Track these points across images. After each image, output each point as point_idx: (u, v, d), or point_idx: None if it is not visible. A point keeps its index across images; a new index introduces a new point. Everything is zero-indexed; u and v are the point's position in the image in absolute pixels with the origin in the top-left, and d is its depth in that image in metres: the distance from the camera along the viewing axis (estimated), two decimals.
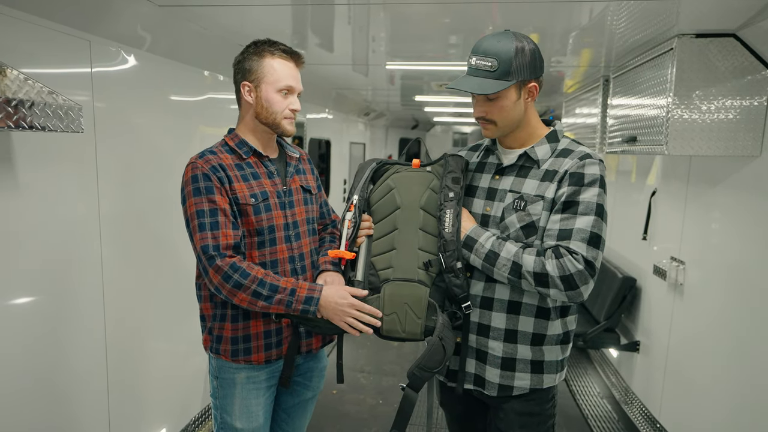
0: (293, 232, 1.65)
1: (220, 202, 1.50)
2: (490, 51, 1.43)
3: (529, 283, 1.41)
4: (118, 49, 2.14)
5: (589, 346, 3.65)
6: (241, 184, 1.55)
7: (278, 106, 1.58)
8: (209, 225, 1.48)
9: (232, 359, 1.61)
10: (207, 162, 1.52)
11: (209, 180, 1.50)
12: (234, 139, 1.62)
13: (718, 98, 2.19)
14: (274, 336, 1.63)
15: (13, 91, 1.52)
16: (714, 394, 2.38)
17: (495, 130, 1.53)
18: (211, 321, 1.63)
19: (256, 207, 1.56)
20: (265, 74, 1.56)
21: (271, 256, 1.59)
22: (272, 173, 1.64)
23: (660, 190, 3.11)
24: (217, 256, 1.47)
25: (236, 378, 1.61)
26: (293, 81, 1.59)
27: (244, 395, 1.62)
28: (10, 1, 1.62)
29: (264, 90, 1.57)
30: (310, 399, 1.79)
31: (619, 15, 2.13)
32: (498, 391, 1.54)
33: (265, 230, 1.58)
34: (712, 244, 2.50)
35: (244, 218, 1.56)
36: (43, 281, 1.85)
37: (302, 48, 3.10)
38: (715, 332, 2.41)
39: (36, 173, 1.78)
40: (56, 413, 1.92)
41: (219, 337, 1.62)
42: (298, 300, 1.48)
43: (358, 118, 7.38)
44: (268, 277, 1.49)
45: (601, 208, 1.44)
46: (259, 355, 1.61)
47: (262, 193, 1.59)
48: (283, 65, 1.57)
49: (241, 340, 1.60)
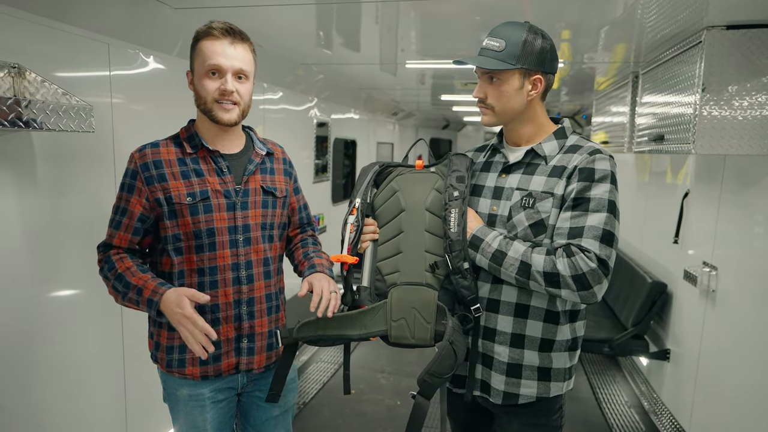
0: (242, 236, 1.49)
1: (133, 203, 1.43)
2: (501, 33, 1.43)
3: (538, 284, 1.36)
4: (136, 51, 2.19)
5: (616, 353, 3.51)
6: (178, 181, 1.44)
7: (206, 89, 1.41)
8: (114, 223, 1.46)
9: (166, 370, 1.50)
10: (142, 157, 1.44)
11: (135, 178, 1.44)
12: (187, 131, 1.51)
13: (752, 94, 2.06)
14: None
15: (31, 93, 1.58)
16: (747, 407, 2.25)
17: (492, 116, 1.49)
18: (151, 325, 1.54)
19: (192, 207, 1.43)
20: (195, 58, 1.43)
21: (209, 262, 1.45)
22: (222, 170, 1.48)
23: (693, 191, 2.96)
24: (101, 250, 1.47)
25: (178, 394, 1.51)
26: (222, 59, 1.39)
27: (188, 411, 1.51)
28: (31, 7, 1.68)
29: (196, 74, 1.44)
30: (279, 415, 1.65)
31: (650, 7, 2.04)
32: (503, 399, 1.49)
33: (203, 233, 1.44)
34: (746, 248, 2.35)
35: (179, 219, 1.43)
36: (60, 277, 1.91)
37: (327, 48, 3.10)
38: (749, 342, 2.27)
39: (55, 171, 1.84)
40: (75, 409, 1.98)
41: (157, 344, 1.51)
42: (142, 301, 1.37)
43: (386, 118, 7.37)
44: (127, 273, 1.40)
45: (613, 205, 1.37)
46: (194, 369, 1.48)
47: (201, 192, 1.45)
48: (210, 44, 1.40)
49: (177, 350, 1.48)
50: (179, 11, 2.17)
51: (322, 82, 4.29)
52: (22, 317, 1.76)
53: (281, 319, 1.64)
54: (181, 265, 1.45)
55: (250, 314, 1.51)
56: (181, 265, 1.45)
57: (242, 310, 1.50)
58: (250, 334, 1.52)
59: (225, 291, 1.47)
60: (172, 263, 1.45)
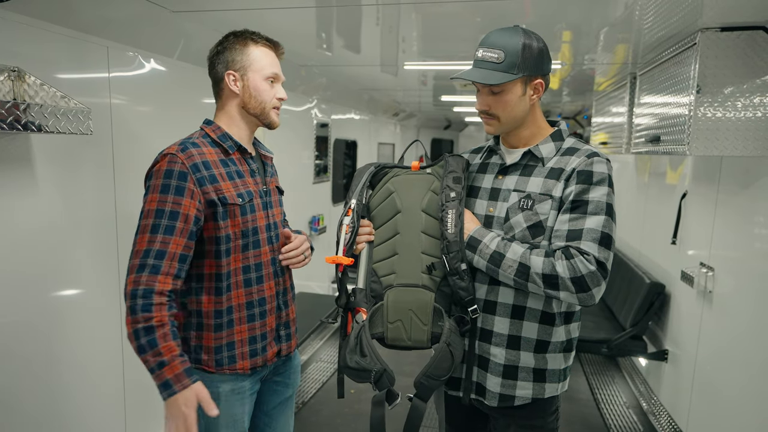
0: (274, 233, 1.60)
1: (186, 206, 1.37)
2: (497, 43, 1.40)
3: (537, 286, 1.36)
4: (135, 54, 2.22)
5: (614, 354, 3.52)
6: (227, 182, 1.47)
7: (266, 94, 1.53)
8: (163, 228, 1.35)
9: (216, 369, 1.51)
10: (189, 158, 1.40)
11: (185, 179, 1.38)
12: (216, 131, 1.51)
13: (747, 95, 2.06)
14: (259, 342, 1.56)
15: (30, 96, 1.60)
16: (744, 409, 2.25)
17: (498, 125, 1.49)
18: (184, 330, 1.50)
19: (243, 207, 1.49)
20: (251, 62, 1.50)
21: (255, 259, 1.53)
22: (254, 171, 1.57)
23: (690, 192, 2.96)
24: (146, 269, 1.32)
25: (219, 391, 1.51)
26: (278, 69, 1.56)
27: (229, 405, 1.53)
28: (31, 11, 1.70)
29: (251, 78, 1.51)
30: (289, 398, 1.75)
31: (647, 9, 2.05)
32: (499, 401, 1.49)
33: (249, 232, 1.51)
34: (742, 249, 2.36)
35: (230, 220, 1.47)
36: (60, 278, 1.93)
37: (328, 50, 3.12)
38: (745, 344, 2.27)
39: (54, 173, 1.86)
40: (73, 409, 2.00)
41: (198, 347, 1.51)
42: (158, 376, 1.30)
43: (387, 118, 7.38)
44: (159, 329, 1.30)
45: (610, 208, 1.38)
46: (244, 363, 1.53)
47: (247, 192, 1.52)
48: (267, 54, 1.53)
49: (226, 348, 1.51)
50: (178, 14, 2.20)
51: (323, 83, 4.31)
52: (20, 317, 1.78)
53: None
54: (228, 265, 1.48)
55: (286, 303, 1.64)
56: (229, 265, 1.48)
57: (281, 301, 1.62)
58: (287, 322, 1.65)
59: (269, 285, 1.57)
60: (219, 264, 1.47)
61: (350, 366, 1.45)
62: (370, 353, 1.43)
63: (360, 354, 1.44)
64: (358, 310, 1.53)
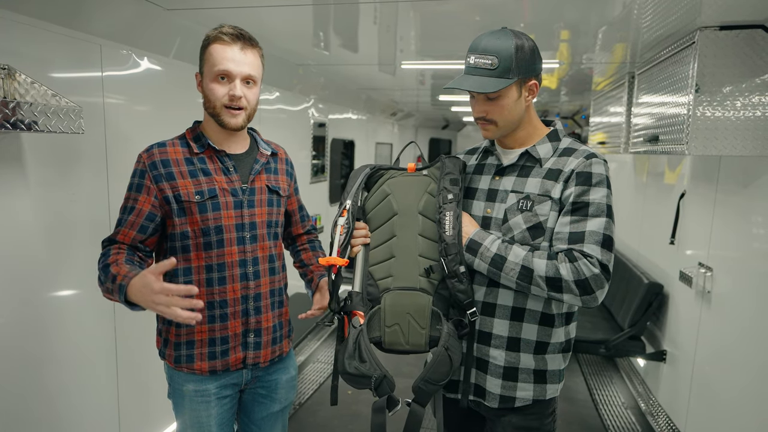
0: (248, 234, 1.54)
1: (141, 202, 1.46)
2: (489, 49, 1.38)
3: (541, 289, 1.35)
4: (129, 52, 2.19)
5: (612, 354, 3.50)
6: (186, 180, 1.47)
7: (215, 93, 1.44)
8: (122, 221, 1.47)
9: (175, 366, 1.53)
10: (150, 156, 1.48)
11: (143, 177, 1.47)
12: (192, 132, 1.55)
13: (745, 94, 2.05)
14: (219, 345, 1.52)
15: (21, 94, 1.58)
16: (742, 409, 2.24)
17: (495, 130, 1.47)
18: (160, 322, 1.58)
19: (201, 204, 1.47)
20: (205, 62, 1.46)
21: (218, 259, 1.49)
22: (228, 169, 1.53)
23: (689, 192, 2.95)
24: (104, 245, 1.48)
25: (184, 389, 1.53)
26: (231, 64, 1.42)
27: (193, 407, 1.53)
28: (24, 9, 1.68)
29: (205, 79, 1.47)
30: (278, 412, 1.69)
31: (645, 7, 2.04)
32: (499, 403, 1.48)
33: (211, 230, 1.48)
34: (741, 249, 2.34)
35: (188, 217, 1.47)
36: (52, 278, 1.91)
37: (326, 49, 3.09)
38: (744, 344, 2.26)
39: (46, 173, 1.84)
40: (66, 408, 1.98)
41: (166, 341, 1.54)
42: (115, 289, 1.33)
43: (385, 118, 7.36)
44: (113, 265, 1.37)
45: (610, 210, 1.38)
46: (202, 364, 1.51)
47: (209, 190, 1.48)
48: (221, 49, 1.42)
49: (185, 345, 1.52)
50: (172, 12, 2.17)
51: (320, 82, 4.29)
52: (11, 317, 1.76)
53: (285, 314, 1.69)
54: (188, 262, 1.49)
55: (257, 309, 1.56)
56: (188, 262, 1.49)
57: (249, 306, 1.54)
58: (257, 329, 1.56)
59: (233, 287, 1.51)
60: (187, 259, 1.49)
61: (349, 372, 1.41)
62: (369, 359, 1.39)
63: (359, 359, 1.40)
64: (355, 314, 1.49)
